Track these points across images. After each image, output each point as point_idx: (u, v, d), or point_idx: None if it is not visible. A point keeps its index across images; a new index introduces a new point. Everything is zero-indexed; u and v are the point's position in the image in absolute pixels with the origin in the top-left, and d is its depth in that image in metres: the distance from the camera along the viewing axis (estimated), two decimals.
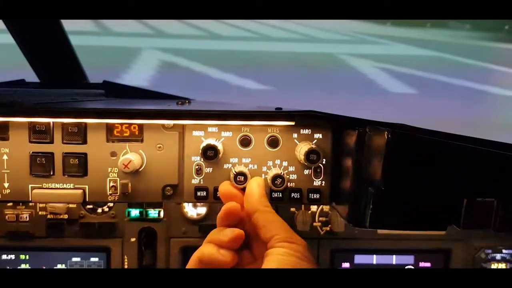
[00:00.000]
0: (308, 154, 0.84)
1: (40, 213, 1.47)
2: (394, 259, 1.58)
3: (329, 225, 1.54)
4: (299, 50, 8.12)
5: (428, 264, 1.59)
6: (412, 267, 1.58)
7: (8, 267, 1.50)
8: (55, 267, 1.51)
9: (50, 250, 1.50)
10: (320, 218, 1.54)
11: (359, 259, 1.57)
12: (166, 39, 8.66)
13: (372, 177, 0.75)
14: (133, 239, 1.49)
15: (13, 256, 1.50)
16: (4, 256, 1.49)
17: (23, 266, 1.50)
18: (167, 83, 5.21)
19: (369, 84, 5.71)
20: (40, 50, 1.58)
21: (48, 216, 1.47)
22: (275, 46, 8.32)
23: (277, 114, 0.85)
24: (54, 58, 1.63)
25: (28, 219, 1.46)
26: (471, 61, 7.69)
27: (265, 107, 0.94)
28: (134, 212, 1.48)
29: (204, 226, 1.50)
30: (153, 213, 1.49)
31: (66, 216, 1.47)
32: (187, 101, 1.25)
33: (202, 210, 1.51)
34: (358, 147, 0.78)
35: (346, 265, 1.57)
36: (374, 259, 1.58)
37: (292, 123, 0.87)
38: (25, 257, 1.50)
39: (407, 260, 1.58)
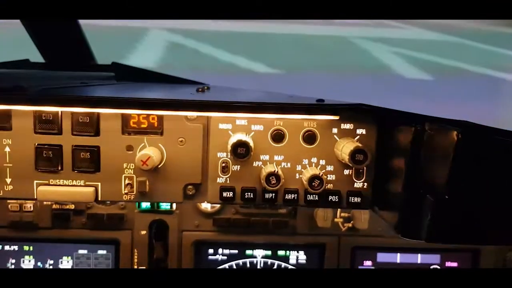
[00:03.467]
0: (354, 153, 0.73)
1: (45, 203, 1.40)
2: (419, 258, 1.51)
3: (351, 221, 1.47)
4: (311, 32, 7.91)
5: (454, 264, 1.52)
6: (438, 267, 1.50)
7: (11, 260, 1.44)
8: (60, 260, 1.45)
9: (55, 241, 1.44)
10: (342, 214, 1.48)
11: (382, 257, 1.50)
12: (173, 19, 8.47)
13: (432, 182, 0.65)
14: (143, 232, 1.43)
15: (16, 247, 1.45)
16: (7, 247, 1.44)
17: (26, 257, 1.45)
18: (174, 65, 5.09)
19: (383, 69, 5.57)
20: (47, 30, 1.48)
21: (54, 206, 1.41)
22: (286, 28, 8.10)
23: (319, 107, 0.74)
24: (62, 38, 1.53)
25: (32, 209, 1.40)
26: (491, 47, 7.48)
27: (301, 98, 0.83)
28: (145, 204, 1.42)
29: (218, 219, 1.43)
30: (165, 205, 1.42)
31: (72, 207, 1.41)
32: (206, 87, 1.15)
33: None
34: (414, 147, 0.68)
35: (368, 263, 1.50)
36: (398, 258, 1.51)
37: (336, 117, 0.76)
38: (29, 248, 1.45)
39: (433, 260, 1.51)
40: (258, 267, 1.47)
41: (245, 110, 0.74)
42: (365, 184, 0.81)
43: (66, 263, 1.44)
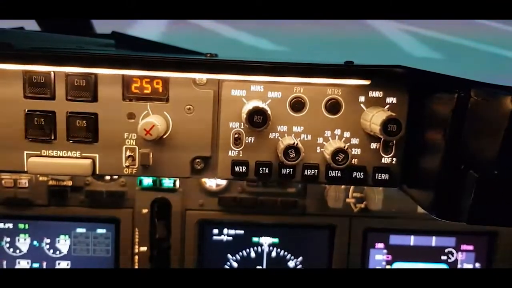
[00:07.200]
0: (387, 124, 0.64)
1: (41, 179, 1.35)
2: (433, 241, 1.46)
3: (364, 202, 1.41)
4: None
5: (470, 247, 1.46)
6: (453, 250, 1.44)
7: (6, 239, 1.39)
8: (57, 238, 1.40)
9: (52, 219, 1.39)
10: (355, 194, 1.43)
11: (395, 239, 1.45)
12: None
13: (477, 157, 0.57)
14: (145, 211, 1.37)
15: (11, 225, 1.40)
16: (1, 225, 1.40)
17: (22, 236, 1.40)
18: (175, 40, 4.97)
19: (391, 47, 5.43)
20: None
21: (50, 183, 1.35)
22: None
23: (349, 69, 0.65)
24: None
25: (27, 185, 1.34)
26: (502, 25, 7.30)
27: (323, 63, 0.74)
28: (147, 181, 1.37)
29: (224, 198, 1.37)
30: (167, 182, 1.37)
31: (70, 183, 1.35)
32: (214, 54, 1.06)
33: (222, 181, 1.36)
34: (456, 117, 0.59)
35: (380, 245, 1.46)
36: (412, 240, 1.46)
37: (368, 82, 0.67)
38: (25, 226, 1.41)
39: (448, 242, 1.46)
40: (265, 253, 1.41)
41: (262, 71, 0.65)
42: (394, 159, 0.72)
43: (63, 242, 1.39)
